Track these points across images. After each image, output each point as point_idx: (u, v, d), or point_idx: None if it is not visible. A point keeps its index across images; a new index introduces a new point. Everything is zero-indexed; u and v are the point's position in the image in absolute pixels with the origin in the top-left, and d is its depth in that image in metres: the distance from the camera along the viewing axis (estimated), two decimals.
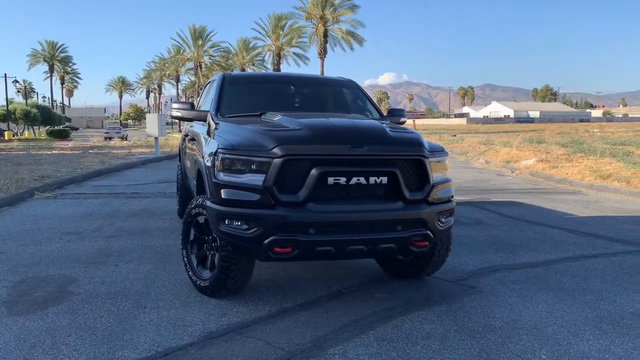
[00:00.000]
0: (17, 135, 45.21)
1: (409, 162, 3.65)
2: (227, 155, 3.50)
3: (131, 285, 4.27)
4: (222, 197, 3.49)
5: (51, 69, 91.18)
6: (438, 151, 3.87)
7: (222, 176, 3.52)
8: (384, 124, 4.15)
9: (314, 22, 43.76)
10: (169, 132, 42.92)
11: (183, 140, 6.53)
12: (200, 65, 58.16)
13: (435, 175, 3.74)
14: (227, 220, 3.48)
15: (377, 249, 3.58)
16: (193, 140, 5.23)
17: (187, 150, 5.94)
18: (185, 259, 4.18)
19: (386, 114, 5.22)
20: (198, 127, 5.07)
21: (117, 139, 37.29)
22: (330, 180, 3.42)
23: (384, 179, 3.54)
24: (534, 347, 3.17)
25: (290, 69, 50.61)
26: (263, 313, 3.67)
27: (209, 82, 5.94)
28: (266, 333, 3.33)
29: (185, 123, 6.70)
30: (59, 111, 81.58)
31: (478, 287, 4.27)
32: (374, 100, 5.51)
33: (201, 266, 4.09)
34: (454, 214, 4.01)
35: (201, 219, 4.00)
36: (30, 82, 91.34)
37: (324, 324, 3.49)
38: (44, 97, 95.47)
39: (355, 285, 4.32)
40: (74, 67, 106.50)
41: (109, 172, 13.64)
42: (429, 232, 3.67)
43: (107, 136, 41.59)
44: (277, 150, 3.39)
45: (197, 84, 58.52)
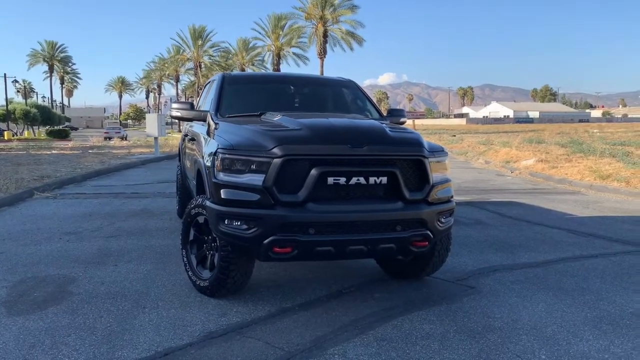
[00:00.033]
0: (16, 135, 45.19)
1: (408, 162, 3.65)
2: (226, 155, 3.51)
3: (131, 285, 4.27)
4: (222, 197, 3.49)
5: (51, 69, 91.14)
6: (438, 151, 3.87)
7: (222, 176, 3.52)
8: (383, 124, 4.15)
9: (314, 23, 43.78)
10: (168, 132, 42.91)
11: (183, 140, 6.52)
12: (200, 65, 58.15)
13: (435, 176, 3.74)
14: (226, 220, 3.48)
15: (377, 249, 3.58)
16: (193, 140, 5.23)
17: (186, 150, 5.93)
18: (185, 259, 4.18)
19: (386, 114, 5.22)
20: (198, 127, 5.06)
21: (116, 139, 37.27)
22: (330, 180, 3.42)
23: (384, 179, 3.54)
24: (534, 347, 3.17)
25: (290, 69, 50.66)
26: (263, 313, 3.67)
27: (209, 82, 5.94)
28: (266, 333, 3.33)
29: (184, 123, 6.70)
30: (58, 111, 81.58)
31: (478, 287, 4.27)
32: (374, 100, 5.51)
33: (201, 266, 4.09)
34: (454, 214, 4.01)
35: (201, 219, 4.00)
36: (29, 82, 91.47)
37: (323, 324, 3.49)
38: (44, 97, 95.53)
39: (355, 285, 4.32)
40: (73, 67, 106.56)
41: (108, 172, 13.63)
42: (428, 232, 3.67)
43: (106, 136, 41.56)
44: (276, 150, 3.39)
45: (196, 84, 58.51)
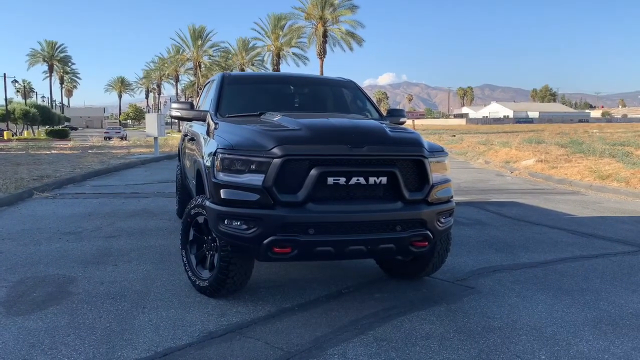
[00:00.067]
0: (16, 135, 45.19)
1: (408, 162, 3.65)
2: (226, 155, 3.50)
3: (130, 285, 4.26)
4: (222, 197, 3.49)
5: (50, 69, 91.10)
6: (438, 151, 3.87)
7: (222, 176, 3.51)
8: (383, 124, 4.14)
9: (314, 23, 43.76)
10: (168, 132, 42.92)
11: (182, 140, 6.52)
12: (200, 65, 58.15)
13: (434, 176, 3.74)
14: (226, 220, 3.48)
15: (377, 249, 3.58)
16: (192, 140, 5.22)
17: (186, 150, 5.93)
18: (185, 259, 4.17)
19: (386, 114, 5.22)
20: (197, 127, 5.06)
21: (116, 139, 37.27)
22: (330, 180, 3.42)
23: (384, 179, 3.53)
24: (534, 347, 3.17)
25: (290, 69, 50.68)
26: (262, 313, 3.67)
27: (209, 82, 5.94)
28: (265, 333, 3.33)
29: (184, 123, 6.69)
30: (58, 111, 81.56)
31: (477, 288, 4.27)
32: (374, 100, 5.51)
33: (200, 266, 4.09)
34: (454, 214, 4.01)
35: (200, 219, 4.00)
36: (29, 82, 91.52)
37: (323, 324, 3.49)
38: (43, 97, 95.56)
39: (355, 285, 4.32)
40: (73, 67, 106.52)
41: (108, 172, 13.62)
42: (428, 232, 3.67)
43: (106, 136, 41.58)
44: (276, 150, 3.39)
45: (196, 84, 58.52)
